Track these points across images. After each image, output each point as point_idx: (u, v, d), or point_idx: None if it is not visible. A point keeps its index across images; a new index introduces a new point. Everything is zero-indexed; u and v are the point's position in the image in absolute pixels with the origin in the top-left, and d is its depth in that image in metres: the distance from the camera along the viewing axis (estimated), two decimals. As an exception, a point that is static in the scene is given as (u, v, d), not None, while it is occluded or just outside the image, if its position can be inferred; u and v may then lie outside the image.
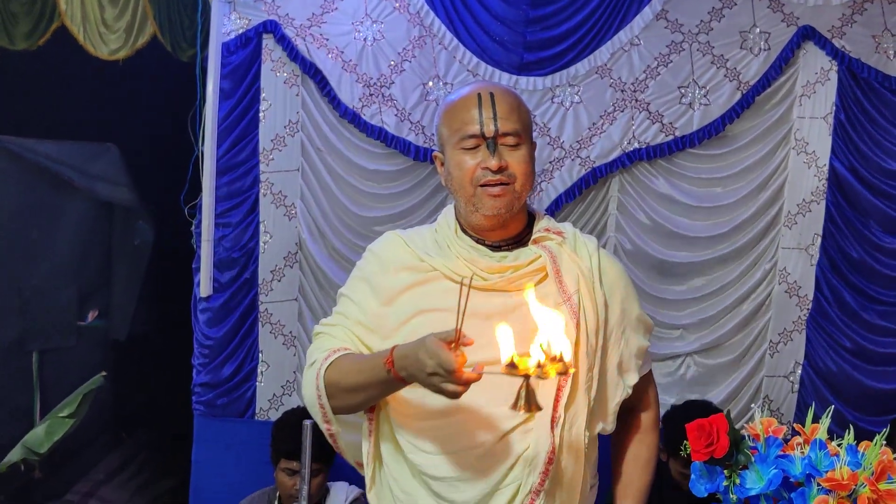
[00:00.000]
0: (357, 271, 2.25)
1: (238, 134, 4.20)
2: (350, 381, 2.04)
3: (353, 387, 2.03)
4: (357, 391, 2.04)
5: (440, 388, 1.81)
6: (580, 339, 2.08)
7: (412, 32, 4.18)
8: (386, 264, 2.19)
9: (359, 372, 2.02)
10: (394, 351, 1.92)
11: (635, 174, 4.23)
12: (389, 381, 1.94)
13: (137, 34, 4.33)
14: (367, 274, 2.20)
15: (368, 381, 2.00)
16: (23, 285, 4.91)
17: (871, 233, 4.18)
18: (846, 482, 1.69)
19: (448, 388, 1.80)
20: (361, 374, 2.01)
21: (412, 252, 2.18)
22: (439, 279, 2.12)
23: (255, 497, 3.78)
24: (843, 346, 4.21)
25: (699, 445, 1.75)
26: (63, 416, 4.50)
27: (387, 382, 1.96)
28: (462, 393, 1.81)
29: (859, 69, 4.12)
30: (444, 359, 1.78)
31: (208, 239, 4.20)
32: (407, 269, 2.16)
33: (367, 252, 2.26)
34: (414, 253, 2.17)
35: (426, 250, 2.17)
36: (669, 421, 3.65)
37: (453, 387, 1.80)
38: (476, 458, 2.05)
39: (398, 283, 2.15)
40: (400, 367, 1.90)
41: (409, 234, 2.24)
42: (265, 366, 4.33)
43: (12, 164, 4.85)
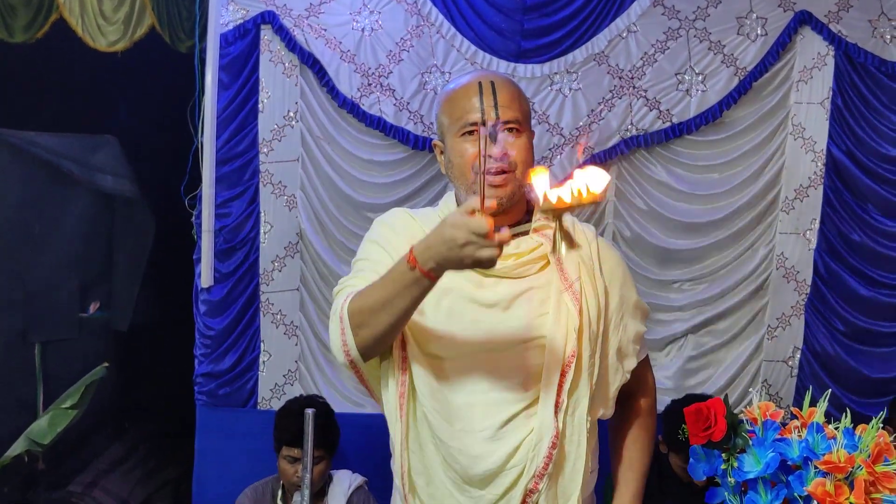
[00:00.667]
0: (368, 238, 2.23)
1: (237, 125, 4.21)
2: (374, 299, 1.96)
3: (379, 304, 1.94)
4: (383, 308, 1.94)
5: (476, 257, 1.77)
6: (583, 324, 2.10)
7: (410, 22, 4.19)
8: (398, 232, 2.18)
9: (381, 287, 1.95)
10: (413, 249, 1.87)
11: (633, 161, 4.25)
12: (416, 280, 1.87)
13: (136, 26, 4.34)
14: (379, 238, 2.19)
15: (394, 290, 1.92)
16: (25, 277, 4.90)
17: (870, 216, 4.20)
18: (843, 465, 1.70)
19: (484, 253, 1.76)
20: (384, 288, 1.94)
21: (420, 226, 2.18)
22: None
23: (259, 486, 3.79)
24: (842, 330, 4.23)
25: (697, 429, 1.77)
26: (66, 407, 4.50)
27: (413, 284, 1.88)
28: (498, 257, 1.78)
29: (856, 54, 4.13)
30: (474, 225, 1.75)
31: (209, 229, 4.22)
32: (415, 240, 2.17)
33: (375, 224, 2.25)
34: (421, 227, 2.16)
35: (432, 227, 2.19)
36: (670, 415, 3.67)
37: (489, 251, 1.76)
38: (481, 441, 2.07)
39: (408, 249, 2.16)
40: (425, 260, 1.84)
41: (416, 212, 2.26)
42: (267, 356, 4.35)
43: (13, 157, 4.84)
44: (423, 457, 2.13)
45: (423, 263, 1.84)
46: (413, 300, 1.92)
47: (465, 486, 2.10)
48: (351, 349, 2.03)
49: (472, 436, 2.07)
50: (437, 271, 1.85)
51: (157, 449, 5.37)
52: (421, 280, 1.87)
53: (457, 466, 2.09)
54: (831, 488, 1.69)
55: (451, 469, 2.10)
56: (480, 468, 2.07)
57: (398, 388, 2.10)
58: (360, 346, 2.02)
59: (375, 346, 2.03)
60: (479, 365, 2.09)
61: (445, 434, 2.08)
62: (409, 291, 1.90)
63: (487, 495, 2.09)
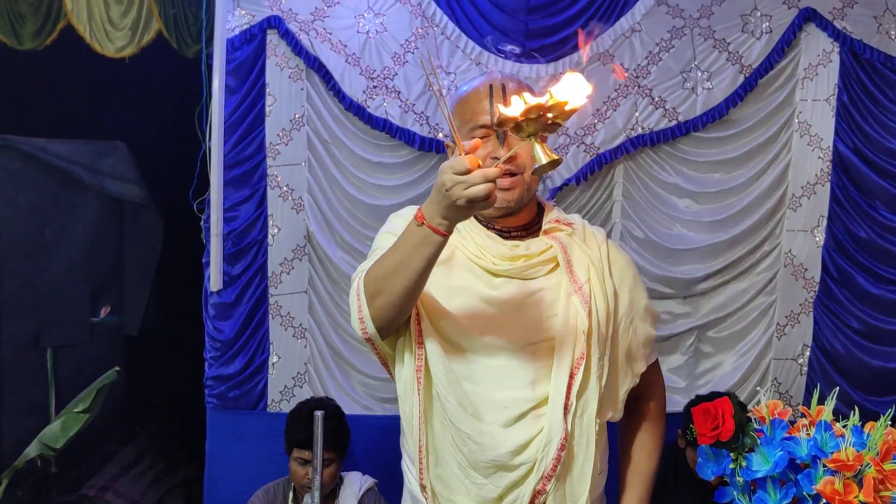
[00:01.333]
0: (384, 231, 2.24)
1: (245, 129, 4.23)
2: (388, 262, 1.98)
3: (392, 267, 1.96)
4: (396, 270, 1.95)
5: (465, 195, 1.77)
6: (592, 327, 2.11)
7: (414, 24, 4.20)
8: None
9: (395, 250, 1.97)
10: (421, 208, 1.89)
11: (639, 160, 4.25)
12: (426, 237, 1.88)
13: (143, 32, 4.35)
14: (394, 229, 2.18)
15: (405, 251, 1.94)
16: (36, 282, 4.93)
17: (877, 213, 4.20)
18: (851, 463, 1.70)
19: (472, 191, 1.76)
20: (397, 250, 1.96)
21: None
22: (458, 255, 2.16)
23: (270, 487, 3.81)
24: (851, 326, 4.23)
25: (705, 429, 1.78)
26: (78, 411, 4.52)
27: (423, 242, 1.89)
28: (492, 191, 1.76)
29: (861, 50, 4.13)
30: (455, 164, 1.77)
31: (217, 233, 4.23)
32: None
33: (391, 217, 2.27)
34: None
35: None
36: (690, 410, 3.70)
37: (476, 188, 1.76)
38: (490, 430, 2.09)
39: None
40: (431, 215, 1.86)
41: None
42: (276, 358, 4.36)
43: (24, 163, 4.87)
44: (433, 436, 2.15)
45: (430, 219, 1.86)
46: (425, 260, 1.92)
47: (470, 470, 2.12)
48: (367, 321, 2.05)
49: (482, 424, 2.09)
50: (445, 226, 1.87)
51: (169, 452, 5.39)
52: (430, 236, 1.88)
53: (465, 449, 2.11)
54: (840, 486, 1.70)
55: (458, 451, 2.12)
56: (487, 456, 2.09)
57: (415, 363, 2.12)
58: (375, 317, 2.04)
59: (390, 314, 2.04)
60: (488, 363, 2.11)
61: (456, 416, 2.10)
62: (420, 251, 1.91)
63: (490, 486, 2.10)
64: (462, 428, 2.09)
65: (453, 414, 2.10)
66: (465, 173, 1.75)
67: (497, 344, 2.11)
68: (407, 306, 2.04)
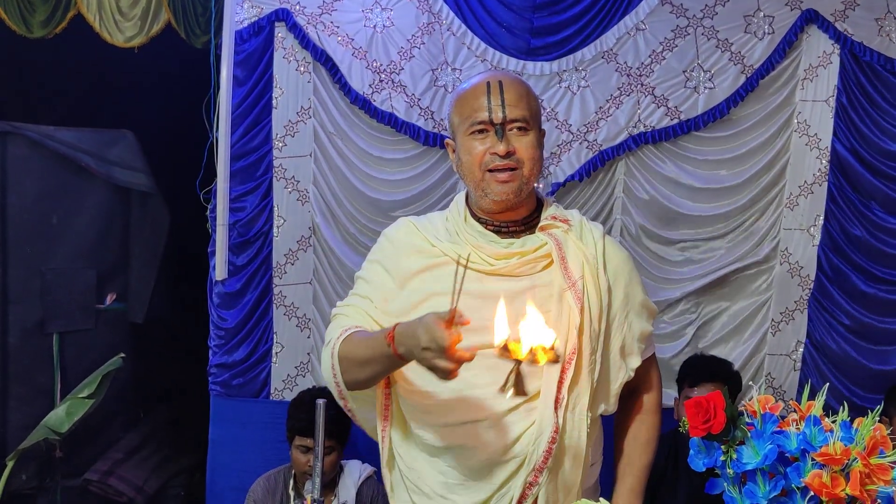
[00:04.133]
0: (372, 255, 2.32)
1: (251, 120, 4.25)
2: (359, 354, 2.09)
3: (361, 361, 2.09)
4: (364, 365, 2.09)
5: (433, 364, 1.86)
6: (584, 323, 2.15)
7: (421, 19, 4.22)
8: (399, 248, 2.26)
9: (366, 347, 2.07)
10: (395, 328, 1.97)
11: (641, 157, 4.27)
12: (390, 356, 1.99)
13: (152, 22, 4.37)
14: (381, 257, 2.28)
15: (373, 355, 2.05)
16: (43, 269, 4.95)
17: (873, 213, 4.22)
18: (839, 457, 1.71)
19: (440, 363, 1.84)
20: (368, 348, 2.07)
21: (423, 237, 2.25)
22: (449, 263, 2.15)
23: (271, 475, 3.85)
24: (845, 324, 4.25)
25: (697, 422, 1.80)
26: (83, 396, 4.55)
27: (389, 358, 2.00)
28: (453, 371, 1.85)
29: (861, 52, 4.15)
30: (437, 335, 1.83)
31: (223, 223, 4.26)
32: (419, 253, 2.23)
33: (381, 237, 2.34)
34: (425, 238, 2.24)
35: (436, 235, 2.24)
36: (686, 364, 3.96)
37: (444, 363, 1.84)
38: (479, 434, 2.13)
39: (411, 266, 2.22)
40: (399, 343, 1.95)
41: (420, 220, 2.32)
42: (279, 347, 4.39)
43: (32, 151, 4.88)
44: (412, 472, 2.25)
45: (398, 346, 1.96)
46: (386, 369, 2.09)
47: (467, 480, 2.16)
48: (341, 384, 2.19)
49: (474, 426, 2.13)
50: (407, 357, 1.96)
51: (172, 438, 5.42)
52: (392, 358, 1.99)
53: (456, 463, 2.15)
54: (828, 480, 1.71)
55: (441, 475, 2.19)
56: (481, 458, 2.12)
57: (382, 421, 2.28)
58: (349, 385, 2.18)
59: (360, 388, 2.20)
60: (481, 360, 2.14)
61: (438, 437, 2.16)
62: (383, 362, 2.05)
63: (486, 486, 2.15)
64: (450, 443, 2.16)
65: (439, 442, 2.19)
66: (443, 350, 1.83)
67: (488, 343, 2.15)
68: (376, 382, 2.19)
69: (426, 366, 1.89)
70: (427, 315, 1.89)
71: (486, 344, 1.96)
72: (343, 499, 3.71)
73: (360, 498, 3.75)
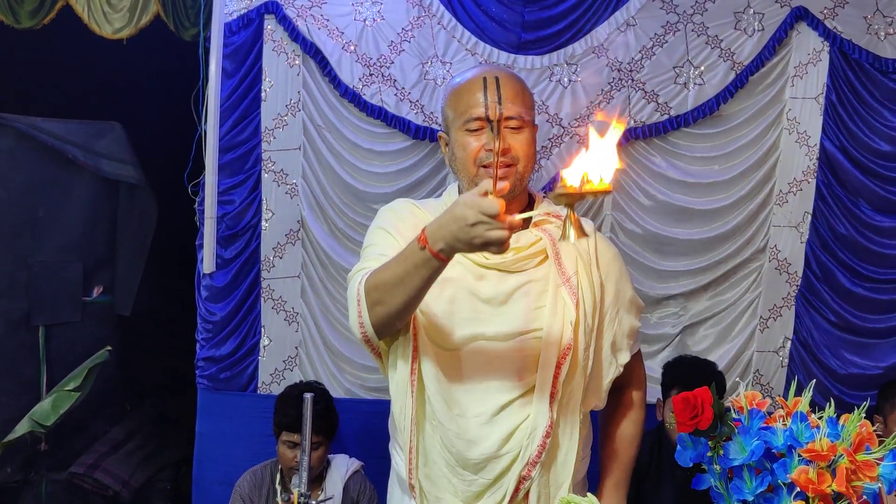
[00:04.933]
0: (375, 226, 2.27)
1: (240, 113, 4.24)
2: (388, 276, 1.99)
3: (394, 282, 1.98)
4: (397, 286, 1.97)
5: (486, 237, 1.78)
6: (579, 318, 2.15)
7: (411, 13, 4.21)
8: (402, 217, 2.24)
9: (396, 265, 1.98)
10: (425, 229, 1.90)
11: (631, 153, 4.27)
12: (426, 260, 1.89)
13: (141, 13, 4.36)
14: (386, 224, 2.24)
15: (405, 269, 1.95)
16: (30, 261, 4.94)
17: (860, 211, 4.23)
18: (825, 453, 1.73)
19: (494, 234, 1.77)
20: (398, 265, 1.98)
21: (425, 214, 2.24)
22: None
23: (258, 469, 3.84)
24: (832, 321, 4.26)
25: (684, 418, 1.81)
26: (69, 389, 4.55)
27: (423, 264, 1.91)
28: (508, 239, 1.78)
29: (851, 50, 4.16)
30: (485, 206, 1.76)
31: (211, 216, 4.25)
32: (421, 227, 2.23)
33: (380, 211, 2.31)
34: (426, 216, 2.21)
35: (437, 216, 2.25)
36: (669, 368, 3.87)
37: (499, 232, 1.77)
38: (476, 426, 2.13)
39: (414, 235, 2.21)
40: (435, 241, 1.87)
41: (421, 202, 2.32)
42: (267, 341, 4.38)
43: (19, 142, 4.87)
44: (423, 437, 2.19)
45: (433, 244, 1.87)
46: (424, 280, 1.94)
47: (459, 469, 2.15)
48: (366, 325, 2.08)
49: (468, 420, 2.13)
50: (447, 252, 1.87)
51: (159, 431, 5.41)
52: (430, 261, 1.89)
53: (453, 450, 2.15)
54: (814, 476, 1.72)
55: (447, 451, 2.16)
56: (476, 452, 2.13)
57: (409, 367, 2.15)
58: (375, 323, 2.07)
59: (389, 322, 2.07)
60: (476, 354, 2.15)
61: (444, 417, 2.14)
62: (420, 271, 1.93)
63: (480, 480, 2.15)
64: (450, 427, 2.14)
65: (442, 415, 2.14)
66: (495, 216, 1.76)
67: (485, 335, 2.15)
68: (406, 316, 2.07)
69: (478, 244, 1.80)
70: (462, 196, 1.85)
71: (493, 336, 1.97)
72: (330, 493, 3.70)
73: (347, 492, 3.75)
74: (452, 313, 2.15)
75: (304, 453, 2.31)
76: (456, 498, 2.18)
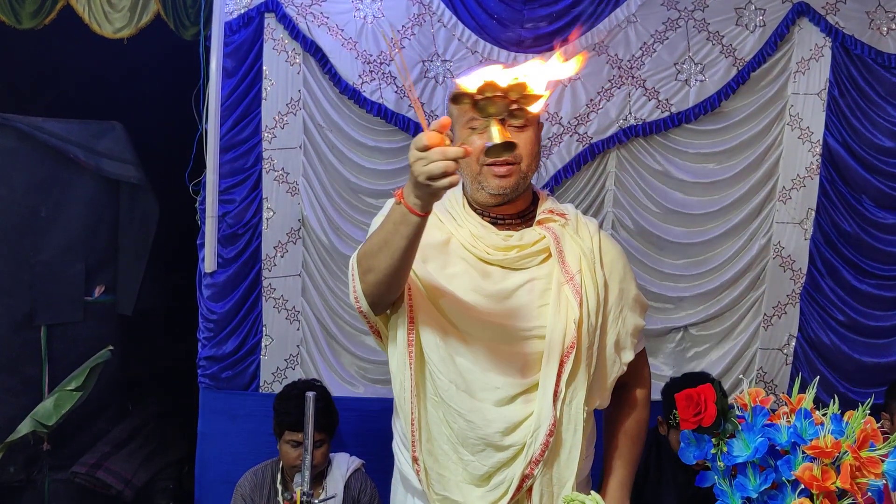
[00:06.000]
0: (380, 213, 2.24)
1: (241, 112, 4.24)
2: (374, 241, 2.02)
3: (377, 245, 2.00)
4: (381, 248, 1.99)
5: (426, 172, 1.76)
6: (582, 316, 2.15)
7: (411, 10, 4.21)
8: None
9: (380, 229, 2.01)
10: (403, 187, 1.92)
11: (632, 150, 4.27)
12: (403, 216, 1.91)
13: (141, 13, 4.36)
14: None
15: (388, 230, 1.97)
16: (32, 261, 4.93)
17: (863, 208, 4.23)
18: (829, 450, 1.73)
19: (430, 167, 1.76)
20: (382, 228, 2.00)
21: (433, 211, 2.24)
22: (454, 242, 2.21)
23: (259, 469, 3.83)
24: (836, 319, 4.26)
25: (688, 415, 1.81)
26: (71, 389, 4.55)
27: (402, 221, 1.92)
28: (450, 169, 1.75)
29: (853, 46, 4.15)
30: (416, 141, 1.77)
31: (212, 215, 4.25)
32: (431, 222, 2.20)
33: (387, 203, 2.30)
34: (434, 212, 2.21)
35: (443, 213, 2.25)
36: (669, 393, 3.71)
37: (434, 165, 1.75)
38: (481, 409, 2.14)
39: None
40: (407, 193, 1.88)
41: None
42: (269, 340, 4.39)
43: (21, 142, 4.86)
44: (425, 413, 2.19)
45: (407, 197, 1.88)
46: (406, 239, 1.95)
47: (459, 447, 2.16)
48: (360, 297, 2.11)
49: (473, 401, 2.14)
50: (418, 205, 1.87)
51: (161, 431, 5.41)
52: (407, 215, 1.90)
53: (455, 426, 2.15)
54: (818, 473, 1.72)
55: (448, 427, 2.16)
56: (477, 433, 2.13)
57: (407, 339, 2.16)
58: (367, 293, 2.09)
59: (380, 291, 2.08)
60: (479, 350, 2.15)
61: (448, 392, 2.14)
62: (399, 229, 1.94)
63: (478, 463, 2.14)
64: (452, 405, 2.14)
65: (444, 391, 2.14)
66: (424, 149, 1.76)
67: (489, 332, 2.15)
68: (395, 283, 2.07)
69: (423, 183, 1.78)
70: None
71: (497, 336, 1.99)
72: (331, 492, 3.70)
73: (348, 491, 3.74)
74: (455, 311, 2.14)
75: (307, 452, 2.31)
76: (458, 476, 2.18)
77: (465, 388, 2.14)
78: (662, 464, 3.78)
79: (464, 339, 2.15)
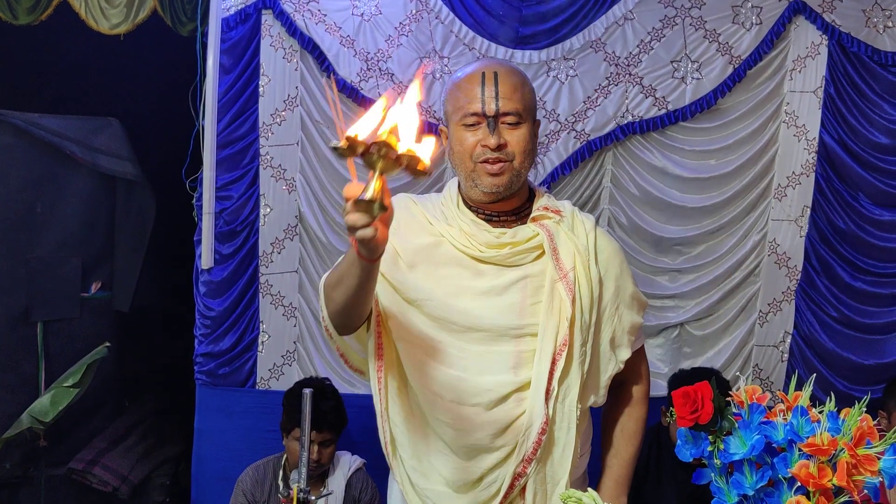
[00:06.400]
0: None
1: (238, 108, 4.23)
2: (334, 275, 2.05)
3: (335, 280, 2.03)
4: (337, 284, 2.01)
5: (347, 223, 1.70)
6: (575, 314, 2.14)
7: (409, 7, 4.20)
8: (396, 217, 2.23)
9: (339, 265, 2.04)
10: None
11: (629, 147, 4.28)
12: (354, 258, 1.89)
13: (138, 9, 4.34)
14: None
15: (343, 268, 1.98)
16: (28, 257, 4.92)
17: (859, 205, 4.24)
18: (826, 448, 1.72)
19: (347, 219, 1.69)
20: (341, 264, 2.03)
21: (420, 210, 2.25)
22: (445, 244, 2.19)
23: (260, 465, 3.83)
24: (832, 315, 4.28)
25: (684, 412, 1.80)
26: (67, 385, 4.55)
27: (354, 263, 1.90)
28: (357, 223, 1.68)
29: (849, 43, 4.16)
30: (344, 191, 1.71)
31: (209, 212, 4.25)
32: (419, 226, 2.23)
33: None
34: (422, 212, 2.24)
35: (434, 215, 2.24)
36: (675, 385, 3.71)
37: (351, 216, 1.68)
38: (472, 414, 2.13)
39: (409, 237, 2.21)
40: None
41: (419, 197, 2.31)
42: (266, 336, 4.39)
43: (17, 138, 4.85)
44: (408, 428, 2.20)
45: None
46: (357, 279, 1.94)
47: (452, 455, 2.15)
48: (326, 320, 2.16)
49: (464, 408, 2.13)
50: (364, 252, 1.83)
51: (157, 427, 5.41)
52: (356, 258, 1.88)
53: (445, 437, 2.15)
54: (814, 470, 1.72)
55: (439, 439, 2.16)
56: (468, 440, 2.13)
57: (376, 362, 2.19)
58: (331, 318, 2.13)
59: (341, 321, 2.12)
60: (471, 348, 2.14)
61: (432, 406, 2.14)
62: (352, 270, 1.94)
63: (473, 468, 2.14)
64: (439, 417, 2.14)
65: (429, 405, 2.15)
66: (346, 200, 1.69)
67: (481, 329, 2.14)
68: (355, 314, 2.10)
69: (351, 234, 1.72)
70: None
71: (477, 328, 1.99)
72: (332, 489, 3.70)
73: (349, 490, 3.74)
74: (448, 308, 2.14)
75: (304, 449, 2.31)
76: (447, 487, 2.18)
77: (454, 398, 2.13)
78: (662, 461, 3.78)
79: (453, 345, 2.14)
